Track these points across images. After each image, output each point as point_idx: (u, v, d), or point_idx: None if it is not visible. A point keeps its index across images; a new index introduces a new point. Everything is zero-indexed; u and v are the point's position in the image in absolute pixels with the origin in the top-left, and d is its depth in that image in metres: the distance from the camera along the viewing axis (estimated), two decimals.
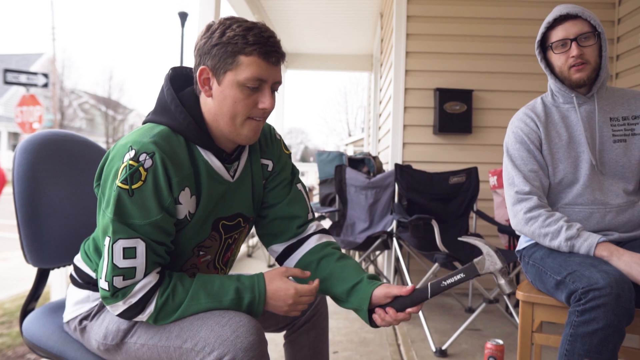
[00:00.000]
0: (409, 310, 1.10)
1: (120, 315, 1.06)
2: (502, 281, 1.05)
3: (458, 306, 3.16)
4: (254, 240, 5.35)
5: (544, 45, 1.59)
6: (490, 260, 1.05)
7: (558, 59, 1.55)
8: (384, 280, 3.45)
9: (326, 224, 6.98)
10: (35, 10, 66.92)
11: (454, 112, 3.38)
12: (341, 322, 2.78)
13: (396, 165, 3.00)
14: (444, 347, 2.32)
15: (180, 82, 1.13)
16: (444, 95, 3.38)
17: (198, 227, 1.12)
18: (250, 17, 4.85)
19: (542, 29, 1.58)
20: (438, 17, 3.43)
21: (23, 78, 9.45)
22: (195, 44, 1.08)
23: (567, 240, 1.46)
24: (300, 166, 8.80)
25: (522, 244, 1.73)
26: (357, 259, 3.76)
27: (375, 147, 5.87)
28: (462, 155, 3.45)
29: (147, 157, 1.00)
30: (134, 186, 0.99)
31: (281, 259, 1.30)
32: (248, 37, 1.01)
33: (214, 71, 1.04)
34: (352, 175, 3.43)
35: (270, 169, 1.26)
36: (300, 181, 1.33)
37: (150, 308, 1.04)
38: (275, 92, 1.11)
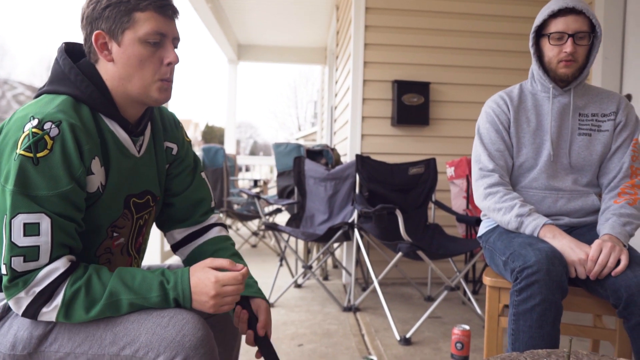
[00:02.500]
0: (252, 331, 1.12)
1: (25, 311, 0.93)
2: None
3: (417, 295, 3.20)
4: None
5: (539, 32, 1.60)
6: None
7: (551, 50, 1.57)
8: (343, 272, 3.45)
9: (284, 216, 6.92)
10: None
11: (412, 104, 3.41)
12: (303, 314, 2.75)
13: (357, 156, 3.00)
14: (407, 335, 2.34)
15: (75, 56, 1.07)
16: (402, 87, 3.41)
17: (110, 202, 1.05)
18: (204, 7, 4.70)
19: (544, 15, 1.56)
20: (397, 10, 3.44)
21: None
22: (81, 14, 1.03)
23: (518, 217, 1.53)
24: (249, 160, 8.68)
25: (482, 230, 1.78)
26: (317, 251, 3.74)
27: (330, 140, 5.87)
28: (419, 147, 3.49)
29: (53, 126, 0.92)
30: (39, 154, 0.90)
31: (178, 246, 1.27)
32: None
33: (111, 33, 1.00)
34: (311, 167, 3.40)
35: (174, 152, 1.23)
36: (203, 170, 1.31)
37: (58, 300, 0.92)
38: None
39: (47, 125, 0.92)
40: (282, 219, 6.76)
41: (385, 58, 3.46)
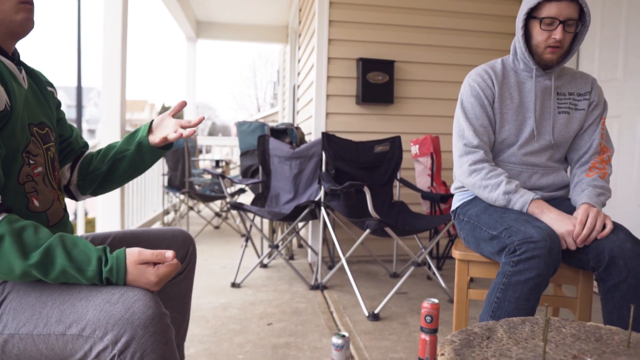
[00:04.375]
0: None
1: None
2: None
3: (383, 272, 3.24)
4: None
5: (530, 13, 1.58)
6: None
7: (540, 34, 1.56)
8: (308, 251, 3.45)
9: (248, 196, 6.85)
10: None
11: (377, 83, 3.41)
12: (271, 294, 2.73)
13: (323, 134, 2.97)
14: (376, 311, 2.37)
15: None
16: (366, 65, 3.39)
17: (19, 126, 1.02)
18: None
19: None
20: None
21: None
22: None
23: (505, 194, 1.55)
24: (208, 141, 8.49)
25: (456, 203, 1.80)
26: (283, 230, 3.71)
27: (292, 120, 5.81)
28: (384, 125, 3.50)
29: None
30: None
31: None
32: None
33: None
34: (275, 146, 3.35)
35: (56, 96, 1.27)
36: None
37: None
38: None
39: None
40: (245, 199, 6.68)
41: (349, 35, 3.42)
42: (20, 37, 1.09)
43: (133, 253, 0.97)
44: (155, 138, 1.28)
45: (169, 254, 0.99)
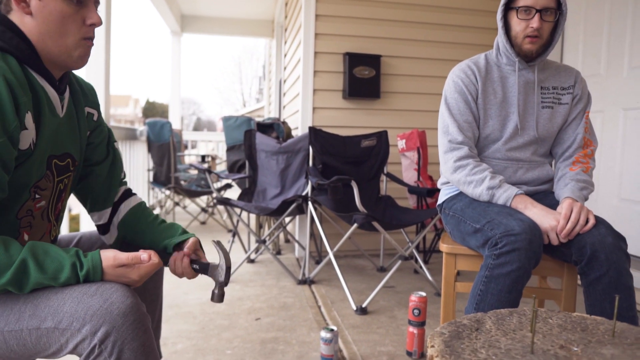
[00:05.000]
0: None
1: None
2: (216, 291, 1.17)
3: (370, 266, 3.26)
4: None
5: (508, 4, 1.61)
6: (219, 272, 1.16)
7: (518, 24, 1.58)
8: (295, 245, 3.45)
9: (235, 191, 6.82)
10: None
11: (363, 77, 3.41)
12: (258, 289, 2.73)
13: (310, 128, 2.97)
14: (363, 305, 2.38)
15: None
16: (353, 60, 3.39)
17: (38, 161, 0.99)
18: None
19: None
20: None
21: None
22: None
23: (489, 189, 1.57)
24: (193, 136, 8.42)
25: (442, 197, 1.82)
26: (270, 225, 3.71)
27: (279, 115, 5.79)
28: (370, 120, 3.51)
29: None
30: None
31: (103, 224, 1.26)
32: None
33: None
34: (262, 141, 3.33)
35: (95, 118, 1.20)
36: (116, 140, 1.30)
37: None
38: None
39: None
40: (232, 194, 6.65)
41: (336, 30, 3.42)
42: (71, 70, 1.08)
43: (108, 257, 0.96)
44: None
45: (144, 256, 1.00)
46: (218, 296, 1.18)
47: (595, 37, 2.89)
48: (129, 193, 1.29)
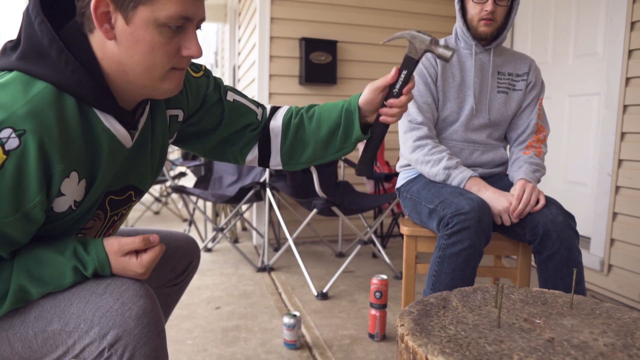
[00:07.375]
0: (408, 87, 1.05)
1: None
2: (439, 50, 1.03)
3: (329, 252, 3.27)
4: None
5: None
6: (419, 40, 1.03)
7: (473, 8, 1.63)
8: (253, 233, 3.42)
9: (191, 179, 6.65)
10: None
11: (320, 63, 3.39)
12: (217, 277, 2.69)
13: None
14: (324, 290, 2.39)
15: (54, 12, 0.81)
16: (309, 45, 3.36)
17: (83, 214, 0.87)
18: None
19: None
20: None
21: None
22: None
23: (446, 169, 1.61)
24: None
25: (400, 181, 1.84)
26: (227, 213, 3.65)
27: None
28: None
29: (13, 135, 0.70)
30: None
31: (263, 158, 1.14)
32: None
33: (118, 4, 0.75)
34: None
35: (181, 119, 1.03)
36: (227, 89, 1.11)
37: None
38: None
39: (4, 133, 0.69)
40: (187, 182, 6.50)
41: (292, 14, 3.37)
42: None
43: (112, 244, 0.84)
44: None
45: (154, 237, 0.86)
46: (444, 50, 1.03)
47: (543, 26, 3.00)
48: (273, 110, 1.14)
